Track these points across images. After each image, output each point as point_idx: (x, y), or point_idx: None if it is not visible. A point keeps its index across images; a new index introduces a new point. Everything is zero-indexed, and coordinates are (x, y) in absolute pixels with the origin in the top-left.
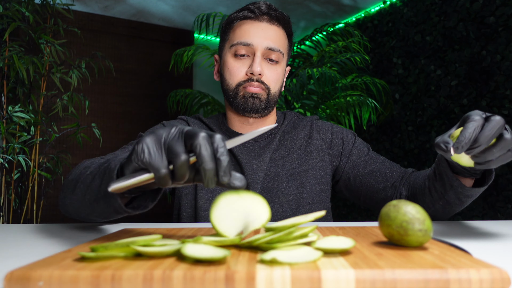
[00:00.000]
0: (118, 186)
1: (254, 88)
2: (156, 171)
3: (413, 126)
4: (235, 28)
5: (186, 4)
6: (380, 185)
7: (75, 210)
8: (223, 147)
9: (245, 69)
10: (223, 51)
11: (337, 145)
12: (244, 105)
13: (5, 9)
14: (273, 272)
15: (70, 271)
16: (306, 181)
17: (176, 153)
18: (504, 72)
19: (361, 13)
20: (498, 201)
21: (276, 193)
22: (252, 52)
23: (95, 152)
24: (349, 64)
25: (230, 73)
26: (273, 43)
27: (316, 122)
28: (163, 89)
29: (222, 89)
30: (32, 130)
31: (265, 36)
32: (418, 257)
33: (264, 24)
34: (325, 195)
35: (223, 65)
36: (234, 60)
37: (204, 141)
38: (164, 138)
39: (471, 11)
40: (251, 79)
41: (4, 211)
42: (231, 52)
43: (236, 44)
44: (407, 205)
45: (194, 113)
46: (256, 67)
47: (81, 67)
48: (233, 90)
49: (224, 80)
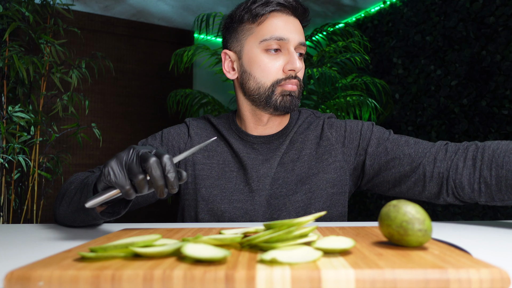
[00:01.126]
0: (93, 202)
1: (292, 86)
2: (121, 188)
3: (413, 126)
4: (262, 21)
5: (186, 4)
6: (406, 167)
7: (62, 219)
8: (170, 165)
9: (280, 64)
10: (245, 46)
11: (353, 141)
12: (282, 104)
13: (5, 9)
14: (273, 272)
15: (70, 271)
16: (315, 186)
17: (134, 174)
18: (504, 72)
19: (361, 13)
20: None
21: (283, 200)
22: (285, 47)
23: (95, 152)
24: (349, 64)
25: (263, 70)
26: (303, 38)
27: (328, 121)
28: (163, 89)
29: (245, 87)
30: (32, 130)
31: (296, 30)
32: (418, 257)
33: (291, 17)
34: (338, 198)
35: (249, 61)
36: (267, 56)
37: (154, 164)
38: (124, 161)
39: (471, 11)
40: (290, 76)
41: (4, 211)
42: (260, 47)
43: (269, 38)
44: (407, 205)
45: (194, 113)
46: (297, 63)
47: (81, 67)
48: (268, 88)
49: (253, 78)
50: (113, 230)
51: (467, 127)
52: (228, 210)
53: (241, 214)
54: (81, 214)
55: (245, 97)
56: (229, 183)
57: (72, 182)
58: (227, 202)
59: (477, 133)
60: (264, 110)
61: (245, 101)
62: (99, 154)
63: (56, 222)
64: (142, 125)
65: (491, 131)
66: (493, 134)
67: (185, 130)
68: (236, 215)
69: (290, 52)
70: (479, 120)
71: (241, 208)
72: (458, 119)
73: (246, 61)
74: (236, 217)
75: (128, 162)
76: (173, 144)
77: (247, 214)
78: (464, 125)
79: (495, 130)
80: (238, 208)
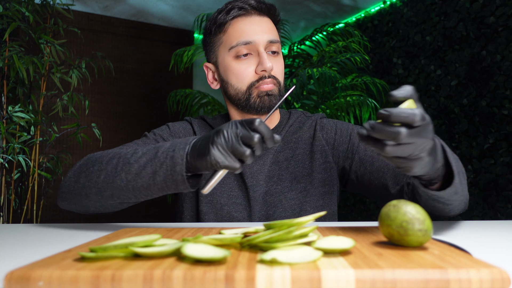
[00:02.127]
0: (209, 187)
1: (268, 86)
2: (234, 170)
3: None
4: (227, 29)
5: (186, 4)
6: (389, 181)
7: (92, 194)
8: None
9: (252, 68)
10: (219, 57)
11: (342, 144)
12: (261, 105)
13: (5, 9)
14: (273, 272)
15: (70, 271)
16: (310, 184)
17: (241, 153)
18: (504, 72)
19: (361, 13)
20: (498, 201)
21: (278, 197)
22: (254, 49)
23: (95, 152)
24: (349, 64)
25: (237, 77)
26: (271, 35)
27: (320, 121)
28: (163, 89)
29: (227, 94)
30: (32, 130)
31: (262, 30)
32: (418, 257)
33: (256, 18)
34: (329, 197)
35: (224, 70)
36: (238, 62)
37: (260, 142)
38: (225, 146)
39: (471, 11)
40: (263, 77)
41: (4, 211)
42: (231, 55)
43: (236, 45)
44: (407, 205)
45: (194, 113)
46: (267, 63)
47: (81, 67)
48: (245, 92)
49: (230, 85)
50: (113, 230)
51: (467, 127)
52: (227, 203)
53: (240, 210)
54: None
55: (230, 103)
56: (228, 179)
57: (112, 157)
58: (226, 197)
59: (477, 133)
60: (249, 113)
61: (232, 106)
62: None
63: (63, 199)
64: (142, 125)
65: (491, 131)
66: (493, 134)
67: (189, 127)
68: (234, 209)
69: (260, 53)
70: (479, 120)
71: (239, 204)
72: (458, 119)
73: (222, 71)
74: (234, 211)
75: (230, 145)
76: (179, 136)
77: (245, 209)
78: (464, 125)
79: (495, 130)
80: (237, 204)
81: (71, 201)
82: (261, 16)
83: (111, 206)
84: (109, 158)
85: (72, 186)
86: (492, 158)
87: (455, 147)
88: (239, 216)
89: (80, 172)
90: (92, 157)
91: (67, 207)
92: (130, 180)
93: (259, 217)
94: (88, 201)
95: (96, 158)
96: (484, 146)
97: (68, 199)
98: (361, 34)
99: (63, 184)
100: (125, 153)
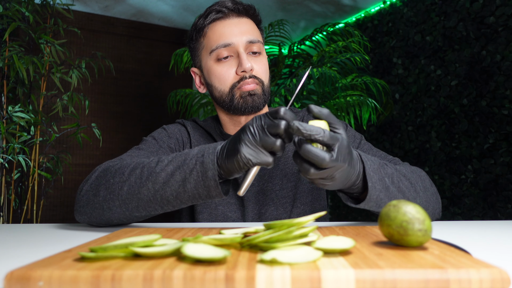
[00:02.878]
0: (244, 189)
1: (249, 86)
2: (267, 164)
3: (413, 126)
4: (206, 33)
5: (186, 4)
6: None
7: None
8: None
9: (233, 69)
10: (202, 61)
11: None
12: (244, 105)
13: (5, 9)
14: (273, 272)
15: (70, 271)
16: (299, 181)
17: (271, 144)
18: (504, 72)
19: (361, 13)
20: (498, 201)
21: (270, 195)
22: (234, 51)
23: (95, 152)
24: (349, 64)
25: (219, 79)
26: (251, 36)
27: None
28: (163, 89)
29: (213, 97)
30: (32, 130)
31: (241, 31)
32: (418, 257)
33: (234, 20)
34: (318, 192)
35: (207, 74)
36: (218, 65)
37: (287, 129)
38: (253, 141)
39: (471, 11)
40: (243, 77)
41: (4, 211)
42: (212, 58)
43: (216, 48)
44: (407, 205)
45: (194, 113)
46: (246, 64)
47: (81, 67)
48: (228, 94)
49: (214, 88)
50: (113, 230)
51: (467, 127)
52: (221, 203)
53: (234, 209)
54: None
55: (218, 105)
56: None
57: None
58: None
59: (477, 133)
60: (235, 114)
61: (219, 108)
62: (99, 154)
63: (82, 213)
64: (142, 125)
65: (491, 131)
66: (493, 134)
67: (183, 128)
68: (228, 209)
69: (239, 54)
70: (479, 120)
71: (233, 204)
72: (458, 119)
73: (206, 74)
74: (228, 210)
75: (259, 138)
76: (177, 137)
77: (239, 209)
78: (464, 125)
79: (495, 130)
80: (231, 204)
81: (91, 215)
82: (240, 18)
83: (136, 218)
84: (131, 168)
85: (91, 200)
86: (492, 158)
87: (455, 147)
88: (233, 216)
89: (98, 185)
90: (110, 168)
91: (87, 221)
92: (157, 190)
93: (252, 216)
94: (111, 214)
95: (115, 169)
96: (484, 146)
97: (88, 213)
98: (361, 34)
99: (80, 198)
100: (148, 162)
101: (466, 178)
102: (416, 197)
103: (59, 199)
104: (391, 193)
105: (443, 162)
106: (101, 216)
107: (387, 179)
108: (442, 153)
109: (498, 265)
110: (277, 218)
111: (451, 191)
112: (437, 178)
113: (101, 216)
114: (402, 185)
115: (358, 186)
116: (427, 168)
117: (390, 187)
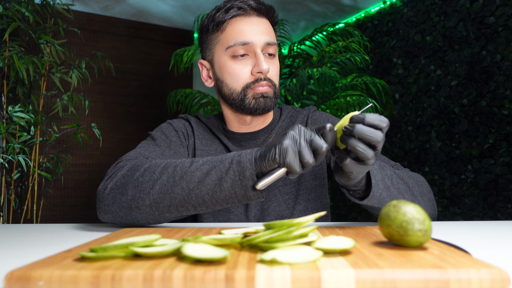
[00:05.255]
0: (263, 183)
1: (263, 88)
2: (294, 171)
3: (413, 126)
4: (225, 28)
5: (186, 4)
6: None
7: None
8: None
9: (248, 68)
10: (215, 55)
11: None
12: (256, 106)
13: (5, 9)
14: (273, 272)
15: (70, 271)
16: (302, 178)
17: (307, 159)
18: (504, 72)
19: (361, 13)
20: (498, 201)
21: (273, 191)
22: (251, 50)
23: (95, 152)
24: (349, 64)
25: (232, 77)
26: (269, 37)
27: (312, 115)
28: (163, 89)
29: (221, 93)
30: (32, 130)
31: (260, 31)
32: (418, 257)
33: (254, 19)
34: (320, 190)
35: (220, 69)
36: (234, 62)
37: (326, 149)
38: (297, 147)
39: (471, 11)
40: (259, 79)
41: (4, 211)
42: (227, 54)
43: (233, 45)
44: (407, 205)
45: (194, 113)
46: (264, 65)
47: (81, 67)
48: (240, 93)
49: (225, 84)
50: (113, 230)
51: (467, 127)
52: None
53: (237, 206)
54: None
55: (225, 102)
56: None
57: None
58: None
59: (477, 133)
60: (243, 113)
61: (226, 105)
62: (99, 154)
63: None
64: (142, 125)
65: (491, 131)
66: (493, 134)
67: (187, 123)
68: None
69: (257, 55)
70: (479, 120)
71: None
72: (458, 119)
73: (217, 69)
74: (232, 207)
75: (300, 149)
76: (182, 131)
77: (242, 205)
78: (464, 125)
79: (495, 130)
80: None
81: (117, 214)
82: (260, 17)
83: (165, 218)
84: (162, 167)
85: (118, 198)
86: (492, 158)
87: (455, 147)
88: (236, 211)
89: (125, 183)
90: (138, 166)
91: (111, 220)
92: (192, 189)
93: (255, 212)
94: (139, 214)
95: (144, 168)
96: (484, 146)
97: (113, 212)
98: (361, 34)
99: (105, 196)
100: (180, 162)
101: (466, 178)
102: (413, 200)
103: (59, 199)
104: (392, 193)
105: (443, 162)
106: (128, 215)
107: (387, 180)
108: (442, 153)
109: (498, 265)
110: (279, 215)
111: (451, 191)
112: (437, 178)
113: (127, 216)
114: (401, 187)
115: (362, 184)
116: (427, 168)
117: (390, 188)
